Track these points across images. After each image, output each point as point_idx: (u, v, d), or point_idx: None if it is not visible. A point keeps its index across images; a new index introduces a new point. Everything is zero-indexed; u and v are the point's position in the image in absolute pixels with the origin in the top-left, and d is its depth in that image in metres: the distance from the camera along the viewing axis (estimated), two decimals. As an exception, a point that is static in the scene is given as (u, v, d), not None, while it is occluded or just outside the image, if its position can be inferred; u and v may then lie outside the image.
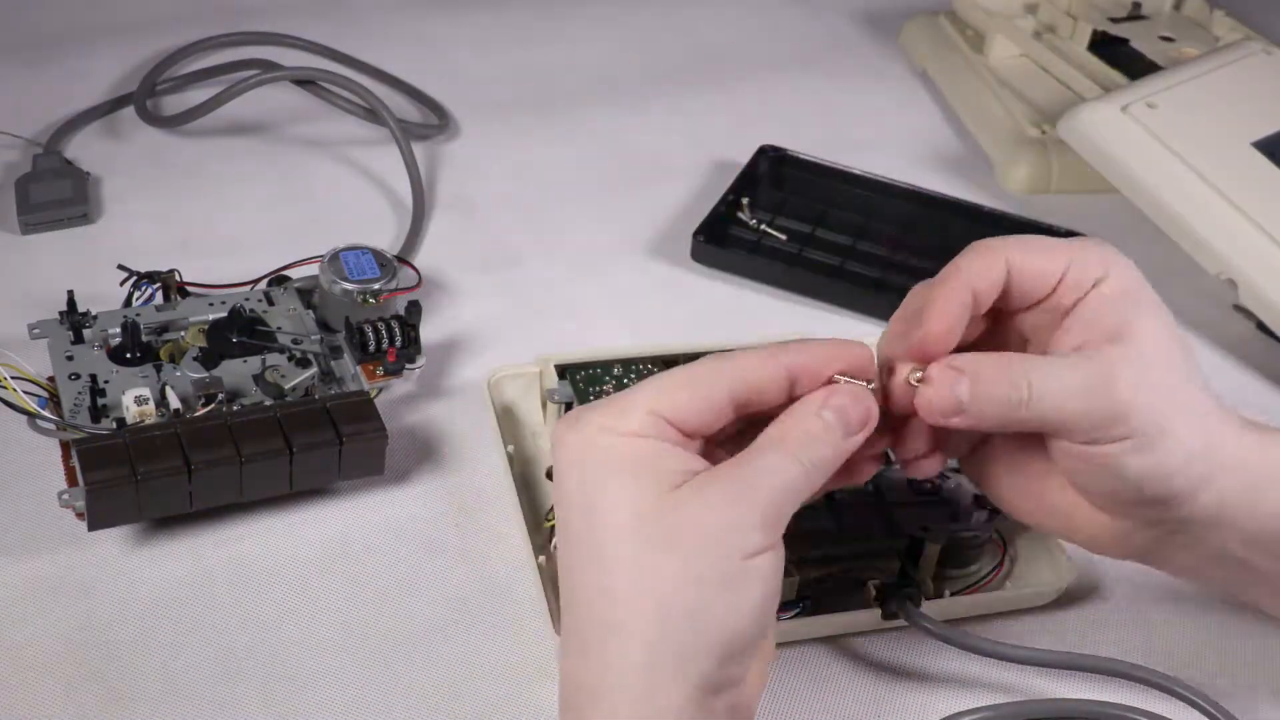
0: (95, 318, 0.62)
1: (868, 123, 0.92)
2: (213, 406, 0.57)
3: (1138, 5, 0.95)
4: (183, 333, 0.63)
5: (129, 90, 0.85)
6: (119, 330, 0.61)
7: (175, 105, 0.85)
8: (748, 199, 0.79)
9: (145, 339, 0.61)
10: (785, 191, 0.82)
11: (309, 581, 0.56)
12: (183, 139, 0.83)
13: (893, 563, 0.56)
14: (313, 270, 0.66)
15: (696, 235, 0.76)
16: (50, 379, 0.59)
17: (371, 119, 0.85)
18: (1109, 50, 0.91)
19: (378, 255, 0.66)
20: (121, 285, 0.65)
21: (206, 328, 0.62)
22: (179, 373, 0.60)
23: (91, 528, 0.55)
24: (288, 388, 0.59)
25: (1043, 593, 0.57)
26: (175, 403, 0.57)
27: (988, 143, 0.88)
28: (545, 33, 0.99)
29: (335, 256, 0.66)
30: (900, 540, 0.56)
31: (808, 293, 0.75)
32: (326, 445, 0.56)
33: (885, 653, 0.56)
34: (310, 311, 0.65)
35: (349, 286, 0.64)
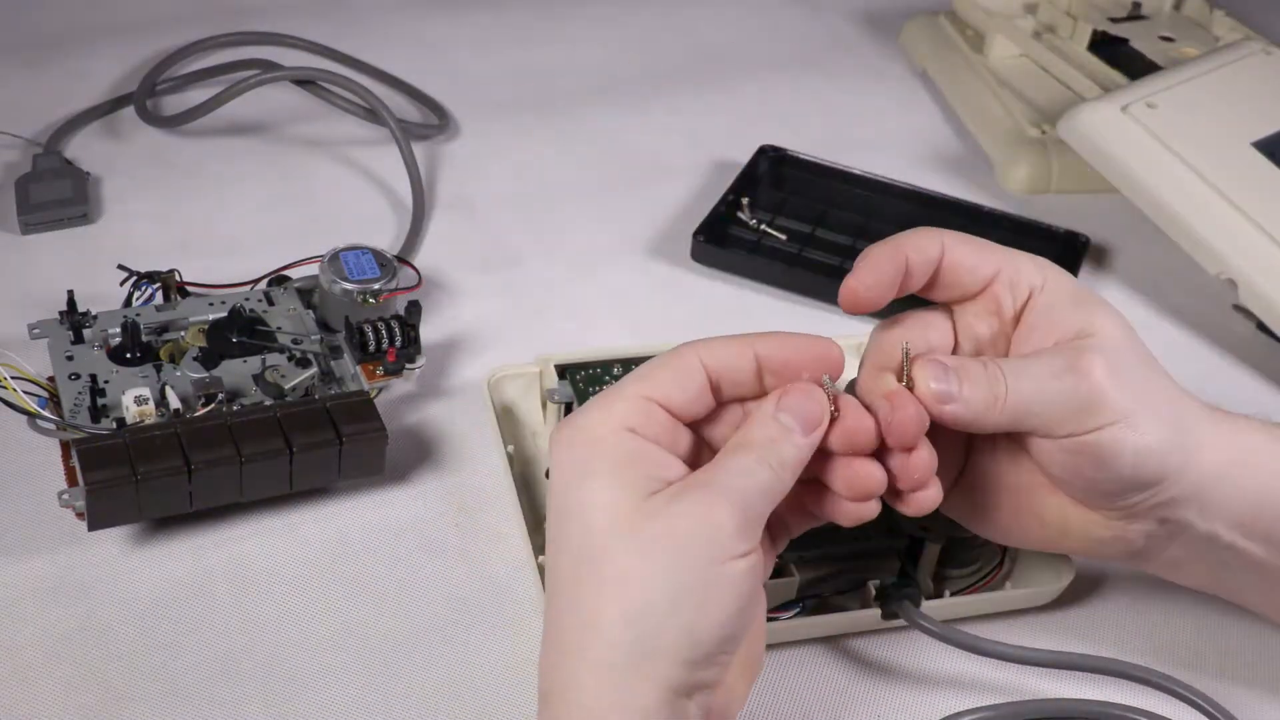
0: (95, 318, 0.62)
1: (868, 123, 0.92)
2: (213, 406, 0.57)
3: (1138, 5, 0.95)
4: (183, 333, 0.63)
5: (129, 90, 0.85)
6: (119, 330, 0.61)
7: (175, 105, 0.85)
8: (748, 199, 0.79)
9: (145, 339, 0.61)
10: (785, 191, 0.82)
11: (309, 581, 0.56)
12: (183, 139, 0.83)
13: (892, 563, 0.56)
14: (313, 270, 0.66)
15: (696, 235, 0.76)
16: (50, 379, 0.59)
17: (371, 119, 0.85)
18: (1109, 50, 0.91)
19: (378, 255, 0.66)
20: (121, 285, 0.65)
21: (206, 328, 0.62)
22: (179, 373, 0.60)
23: (91, 528, 0.55)
24: (288, 388, 0.59)
25: (1043, 593, 0.57)
26: (175, 403, 0.57)
27: (988, 143, 0.88)
28: (545, 33, 0.99)
29: (335, 256, 0.66)
30: (900, 540, 0.56)
31: (808, 293, 0.75)
32: (326, 445, 0.56)
33: (885, 653, 0.56)
34: (310, 311, 0.65)
35: (349, 286, 0.64)
